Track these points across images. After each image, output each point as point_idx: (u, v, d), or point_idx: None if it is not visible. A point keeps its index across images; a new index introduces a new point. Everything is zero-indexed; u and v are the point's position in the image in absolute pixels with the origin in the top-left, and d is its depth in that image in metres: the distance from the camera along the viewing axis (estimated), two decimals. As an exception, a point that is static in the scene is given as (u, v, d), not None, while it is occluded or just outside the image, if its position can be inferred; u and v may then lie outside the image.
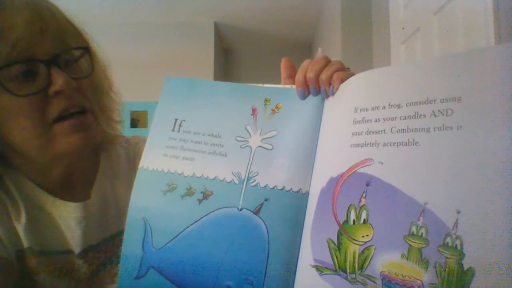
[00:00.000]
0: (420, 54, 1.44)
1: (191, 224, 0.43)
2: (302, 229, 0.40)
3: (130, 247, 0.44)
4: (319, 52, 3.17)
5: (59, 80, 0.48)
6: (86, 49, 0.55)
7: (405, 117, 0.33)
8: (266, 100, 0.46)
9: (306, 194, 0.41)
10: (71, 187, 0.60)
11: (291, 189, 0.41)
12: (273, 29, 3.59)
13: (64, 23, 0.52)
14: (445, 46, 1.25)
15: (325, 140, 0.41)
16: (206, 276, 0.41)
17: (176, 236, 0.43)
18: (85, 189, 0.61)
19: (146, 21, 3.40)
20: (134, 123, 3.41)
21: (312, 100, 0.44)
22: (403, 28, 1.60)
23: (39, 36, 0.48)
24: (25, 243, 0.55)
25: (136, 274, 0.44)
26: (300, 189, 0.41)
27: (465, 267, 0.27)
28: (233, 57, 4.19)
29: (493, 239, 0.26)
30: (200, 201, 0.43)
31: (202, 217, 0.43)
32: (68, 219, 0.57)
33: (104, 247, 0.61)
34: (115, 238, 0.62)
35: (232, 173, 0.43)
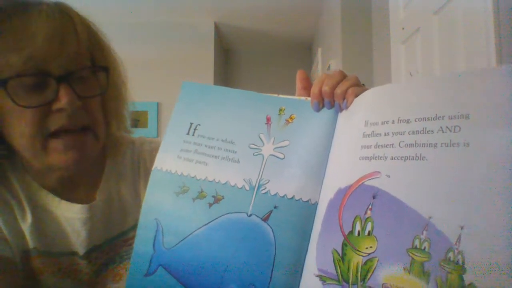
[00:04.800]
0: (420, 54, 1.44)
1: (201, 227, 0.43)
2: (309, 238, 0.41)
3: (142, 245, 0.45)
4: (319, 52, 3.17)
5: (64, 99, 0.48)
6: (104, 68, 0.55)
7: (414, 132, 0.34)
8: (280, 110, 0.46)
9: (315, 204, 0.41)
10: (75, 187, 0.60)
11: (301, 198, 0.42)
12: (273, 29, 3.58)
13: (86, 40, 0.53)
14: (445, 46, 1.25)
15: (336, 152, 0.42)
16: (211, 278, 0.42)
17: (186, 237, 0.44)
18: (90, 190, 0.61)
19: (146, 21, 3.39)
20: (134, 123, 3.40)
21: (326, 113, 0.44)
22: (403, 28, 1.60)
23: (56, 52, 0.48)
24: (30, 244, 0.56)
25: (145, 272, 0.45)
26: (310, 199, 0.42)
27: (466, 282, 0.27)
28: (233, 57, 4.19)
29: (495, 256, 0.26)
30: (210, 205, 0.44)
31: (211, 221, 0.43)
32: (73, 220, 0.58)
33: (107, 247, 0.62)
34: (118, 239, 0.62)
35: (244, 179, 0.44)
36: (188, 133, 0.48)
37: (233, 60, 4.17)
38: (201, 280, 0.42)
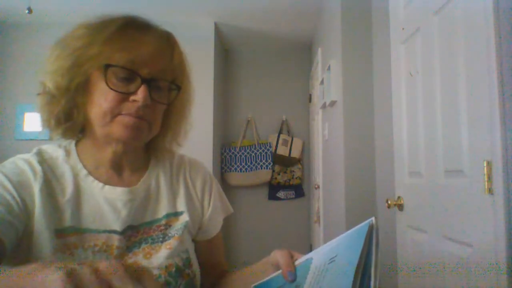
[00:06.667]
0: (420, 54, 1.44)
1: None
2: None
3: None
4: (319, 52, 3.17)
5: (141, 94, 0.65)
6: (178, 88, 0.73)
7: None
8: None
9: None
10: (121, 170, 0.74)
11: None
12: (273, 29, 3.57)
13: (175, 63, 0.72)
14: (445, 46, 1.25)
15: None
16: None
17: None
18: (133, 178, 0.75)
19: (146, 21, 3.38)
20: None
21: None
22: (403, 28, 1.60)
23: (151, 62, 0.67)
24: (67, 222, 0.66)
25: None
26: None
27: None
28: (233, 57, 4.18)
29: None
30: None
31: None
32: (115, 200, 0.70)
33: (142, 229, 0.73)
34: (152, 224, 0.74)
35: None
36: None
37: (233, 60, 4.17)
38: None
